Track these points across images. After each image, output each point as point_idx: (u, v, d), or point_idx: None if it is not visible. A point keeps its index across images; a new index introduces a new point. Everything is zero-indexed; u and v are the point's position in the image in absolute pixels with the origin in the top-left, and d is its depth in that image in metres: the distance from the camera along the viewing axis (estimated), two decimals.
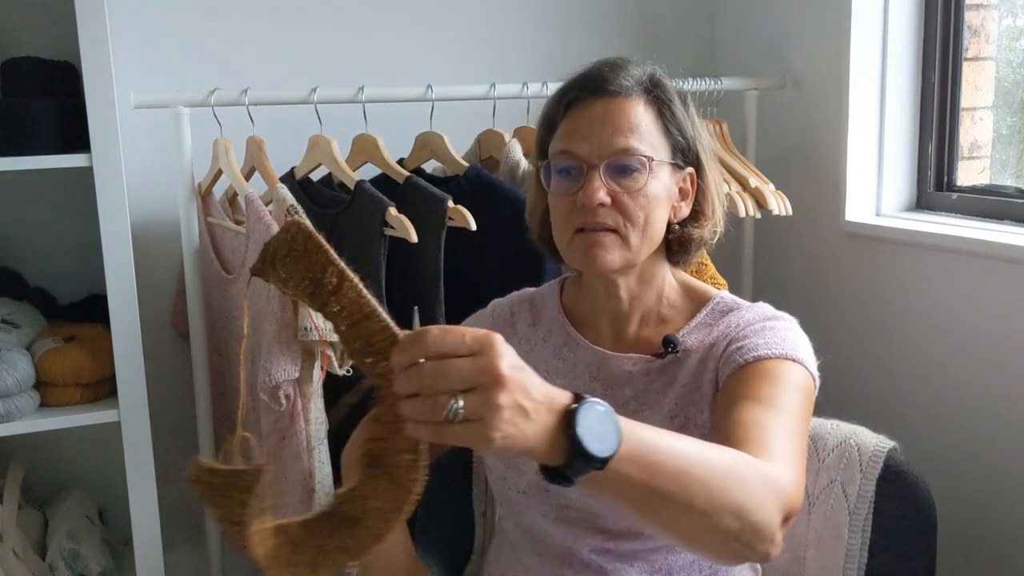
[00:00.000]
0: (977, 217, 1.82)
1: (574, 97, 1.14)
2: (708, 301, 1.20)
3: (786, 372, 1.05)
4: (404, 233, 1.57)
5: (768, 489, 0.87)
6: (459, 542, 1.44)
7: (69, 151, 1.55)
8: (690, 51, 2.31)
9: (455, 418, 0.69)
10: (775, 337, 1.09)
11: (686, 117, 1.17)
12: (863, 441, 1.32)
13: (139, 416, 1.59)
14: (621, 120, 1.11)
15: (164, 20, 1.92)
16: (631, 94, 1.13)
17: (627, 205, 1.10)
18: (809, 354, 1.10)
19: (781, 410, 1.00)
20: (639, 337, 1.19)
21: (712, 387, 1.11)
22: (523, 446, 0.72)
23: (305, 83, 1.75)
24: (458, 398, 0.69)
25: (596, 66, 1.16)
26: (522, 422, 0.71)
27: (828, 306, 2.04)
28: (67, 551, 1.67)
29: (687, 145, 1.16)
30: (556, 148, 1.14)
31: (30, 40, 1.78)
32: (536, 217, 1.23)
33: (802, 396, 1.05)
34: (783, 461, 0.93)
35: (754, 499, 0.85)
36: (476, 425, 0.70)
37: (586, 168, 1.10)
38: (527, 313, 1.28)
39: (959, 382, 1.75)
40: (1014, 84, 1.93)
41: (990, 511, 1.70)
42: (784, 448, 0.95)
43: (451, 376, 0.70)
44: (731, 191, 1.87)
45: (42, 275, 1.88)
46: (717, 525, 0.83)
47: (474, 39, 2.14)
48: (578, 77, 1.16)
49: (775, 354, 1.06)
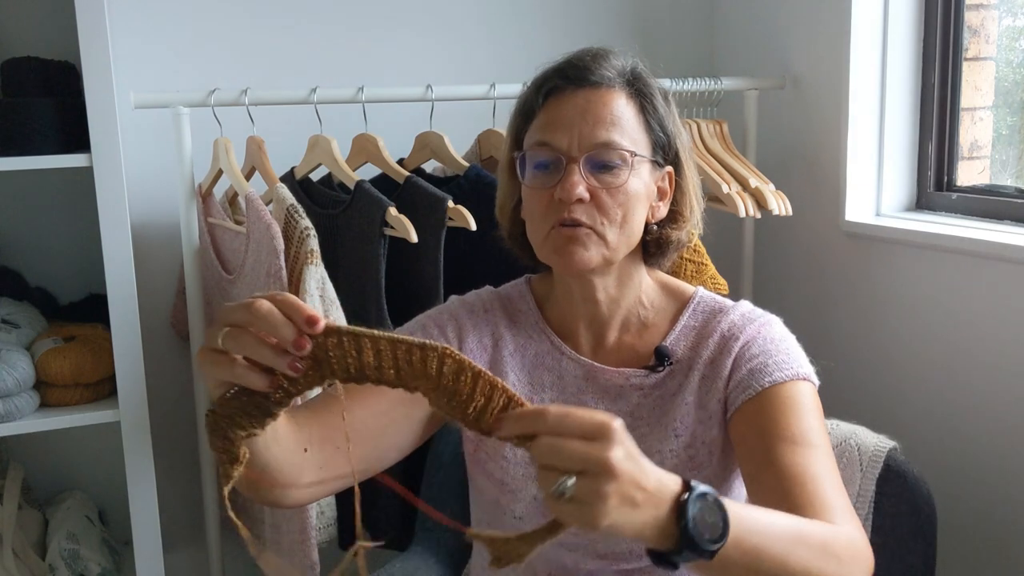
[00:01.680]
0: (977, 217, 1.82)
1: (554, 86, 1.08)
2: (688, 300, 1.16)
3: (802, 396, 1.05)
4: (404, 233, 1.57)
5: (856, 559, 0.89)
6: (459, 542, 1.44)
7: (69, 151, 1.55)
8: (690, 51, 2.31)
9: (564, 495, 0.69)
10: (780, 356, 1.08)
11: (668, 113, 1.12)
12: (863, 441, 1.33)
13: (139, 416, 1.59)
14: (603, 112, 1.06)
15: (164, 20, 1.92)
16: (613, 85, 1.08)
17: (606, 202, 1.05)
18: (807, 362, 1.10)
19: (818, 448, 1.01)
20: (621, 344, 1.15)
21: (720, 407, 1.09)
22: (632, 533, 0.73)
23: (305, 83, 1.75)
24: (570, 477, 0.69)
25: (578, 54, 1.10)
26: (631, 512, 0.71)
27: (828, 306, 2.04)
28: (67, 551, 1.67)
29: (668, 142, 1.11)
30: (533, 139, 1.08)
31: (30, 40, 1.78)
32: (507, 212, 1.18)
33: (821, 419, 1.06)
34: (847, 515, 0.95)
35: (844, 568, 0.87)
36: (584, 508, 0.70)
37: (565, 161, 1.05)
38: (501, 313, 1.20)
39: (959, 382, 1.75)
40: (1014, 84, 1.93)
41: (990, 511, 1.70)
42: (841, 499, 0.97)
43: (563, 455, 0.70)
44: (731, 191, 1.87)
45: (42, 275, 1.88)
46: None
47: (474, 39, 2.14)
48: (559, 65, 1.10)
49: (788, 376, 1.06)
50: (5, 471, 1.77)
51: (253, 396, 0.77)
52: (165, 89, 1.82)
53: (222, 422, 0.78)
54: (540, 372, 1.15)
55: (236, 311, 0.75)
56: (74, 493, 1.89)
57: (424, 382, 0.75)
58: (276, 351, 0.74)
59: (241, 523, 0.77)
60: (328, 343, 0.74)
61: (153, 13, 1.92)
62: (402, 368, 0.75)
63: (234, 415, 0.78)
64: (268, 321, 0.74)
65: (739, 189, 1.89)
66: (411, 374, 0.75)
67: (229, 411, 0.78)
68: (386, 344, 0.74)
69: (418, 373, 0.75)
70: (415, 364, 0.74)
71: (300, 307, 0.74)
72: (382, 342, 0.74)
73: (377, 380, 0.76)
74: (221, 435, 0.79)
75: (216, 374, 0.77)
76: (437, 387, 0.75)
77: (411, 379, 0.76)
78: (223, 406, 0.78)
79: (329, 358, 0.75)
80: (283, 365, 0.74)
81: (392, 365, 0.74)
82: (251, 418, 0.78)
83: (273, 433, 0.88)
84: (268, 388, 0.76)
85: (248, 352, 0.75)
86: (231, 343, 0.75)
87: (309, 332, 0.74)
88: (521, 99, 1.13)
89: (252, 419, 0.78)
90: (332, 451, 0.99)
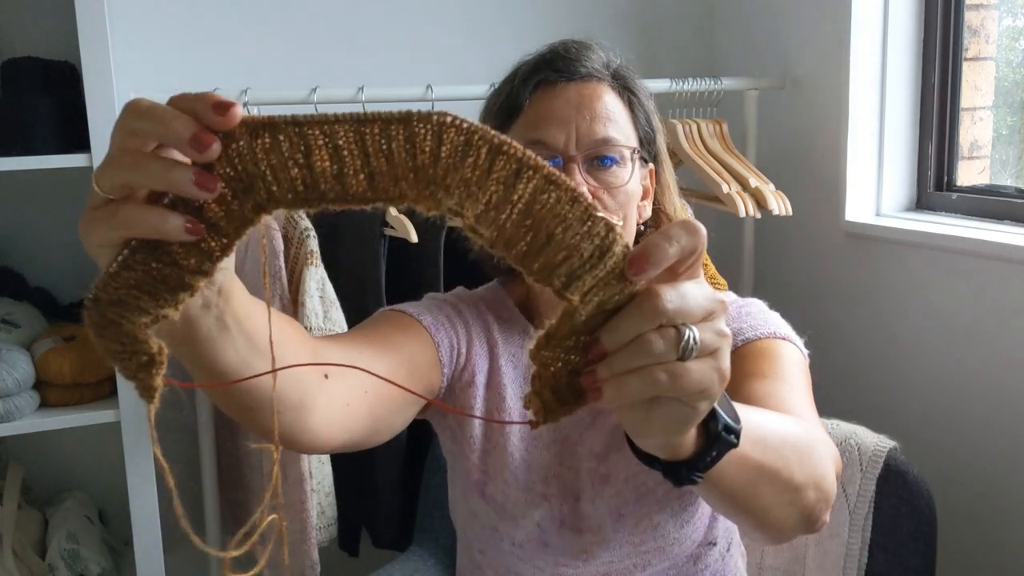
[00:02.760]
0: (977, 217, 1.82)
1: (542, 79, 1.00)
2: None
3: (780, 349, 0.99)
4: (404, 233, 1.57)
5: (828, 455, 0.84)
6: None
7: (69, 151, 1.55)
8: (690, 51, 2.31)
9: (691, 353, 0.54)
10: (756, 320, 1.03)
11: (651, 108, 1.06)
12: (863, 441, 1.33)
13: (139, 416, 1.59)
14: (598, 107, 0.99)
15: (164, 20, 1.92)
16: (602, 78, 1.01)
17: (608, 204, 0.98)
18: (791, 330, 1.05)
19: (789, 382, 0.94)
20: None
21: None
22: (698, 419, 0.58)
23: (305, 83, 1.75)
24: (688, 326, 0.54)
25: (562, 45, 1.03)
26: (720, 387, 0.57)
27: (828, 306, 2.04)
28: (67, 551, 1.67)
29: (653, 137, 1.05)
30: (523, 137, 0.98)
31: (30, 40, 1.78)
32: None
33: (802, 372, 1.00)
34: (817, 425, 0.89)
35: (825, 467, 0.82)
36: (711, 360, 0.55)
37: (563, 161, 0.97)
38: (492, 316, 1.10)
39: (959, 382, 1.75)
40: (1014, 84, 1.93)
41: (990, 511, 1.70)
42: (810, 413, 0.91)
43: (695, 300, 0.54)
44: (731, 191, 1.87)
45: (42, 275, 1.88)
46: (802, 499, 0.79)
47: (474, 39, 2.14)
48: (544, 57, 1.02)
49: (763, 334, 1.01)
50: (5, 471, 1.77)
51: (150, 261, 0.52)
52: (165, 89, 1.82)
53: (109, 311, 0.53)
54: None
55: (114, 130, 0.52)
56: (74, 493, 1.89)
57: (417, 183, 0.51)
58: (170, 165, 0.51)
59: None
60: (258, 145, 0.50)
61: (153, 13, 1.92)
62: (377, 169, 0.50)
63: (128, 298, 0.53)
64: (151, 119, 0.50)
65: (739, 189, 1.89)
66: (391, 175, 0.51)
67: (119, 294, 0.53)
68: (347, 131, 0.50)
69: (402, 168, 0.50)
70: (396, 154, 0.50)
71: (204, 93, 0.50)
72: (340, 129, 0.50)
73: (340, 198, 0.51)
74: (112, 329, 0.54)
75: (97, 233, 0.53)
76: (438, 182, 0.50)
77: (391, 183, 0.51)
78: (106, 285, 0.53)
79: (262, 171, 0.51)
80: (186, 183, 0.50)
81: (362, 166, 0.50)
82: (155, 295, 0.53)
83: (244, 310, 0.63)
84: (181, 232, 0.51)
85: (131, 178, 0.51)
86: (106, 177, 0.52)
87: (217, 125, 0.50)
88: (500, 95, 1.04)
89: (157, 295, 0.53)
90: (360, 393, 0.84)
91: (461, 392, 1.05)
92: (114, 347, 0.54)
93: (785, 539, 0.92)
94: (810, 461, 0.79)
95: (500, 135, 0.50)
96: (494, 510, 1.04)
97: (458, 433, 1.06)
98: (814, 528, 0.84)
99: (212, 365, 0.63)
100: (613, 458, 1.03)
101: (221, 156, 0.50)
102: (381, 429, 0.92)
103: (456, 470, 1.09)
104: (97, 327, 0.54)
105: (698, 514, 1.04)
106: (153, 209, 0.51)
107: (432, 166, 0.50)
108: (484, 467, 1.05)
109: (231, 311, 0.62)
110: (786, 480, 0.76)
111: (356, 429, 0.85)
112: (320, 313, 1.61)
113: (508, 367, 1.07)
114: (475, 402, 1.04)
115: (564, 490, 1.04)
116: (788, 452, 0.77)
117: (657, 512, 1.01)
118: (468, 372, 1.04)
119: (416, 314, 1.02)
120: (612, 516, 1.02)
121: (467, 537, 1.12)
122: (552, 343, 0.55)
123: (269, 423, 0.70)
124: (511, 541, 1.04)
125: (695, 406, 0.56)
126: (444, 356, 1.01)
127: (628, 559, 1.03)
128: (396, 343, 0.96)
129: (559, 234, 0.52)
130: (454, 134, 0.50)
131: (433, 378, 1.00)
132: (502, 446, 1.04)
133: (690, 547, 1.04)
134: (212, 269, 0.53)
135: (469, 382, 1.05)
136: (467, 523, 1.09)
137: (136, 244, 0.52)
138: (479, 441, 1.05)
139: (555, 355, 0.55)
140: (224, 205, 0.52)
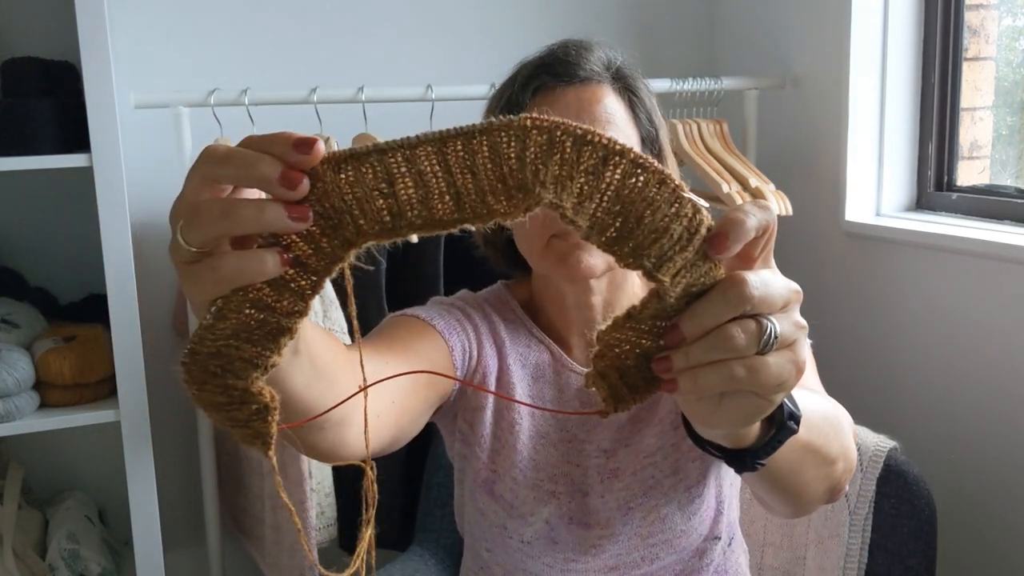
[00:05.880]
0: (977, 217, 1.82)
1: (542, 83, 1.00)
2: None
3: None
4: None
5: (848, 425, 0.86)
6: (459, 542, 1.44)
7: (69, 151, 1.55)
8: (690, 51, 2.31)
9: (771, 346, 0.53)
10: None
11: (652, 105, 1.06)
12: (863, 441, 1.33)
13: (139, 416, 1.59)
14: (597, 111, 0.99)
15: (164, 20, 1.93)
16: (602, 80, 1.01)
17: None
18: None
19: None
20: None
21: None
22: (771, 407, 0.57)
23: (305, 83, 1.75)
24: (768, 318, 0.53)
25: (561, 47, 1.03)
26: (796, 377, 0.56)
27: (828, 306, 2.04)
28: (67, 551, 1.67)
29: (655, 135, 1.05)
30: None
31: (30, 40, 1.79)
32: None
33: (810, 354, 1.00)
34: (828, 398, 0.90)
35: (850, 438, 0.84)
36: (788, 352, 0.54)
37: None
38: (498, 317, 1.10)
39: (959, 382, 1.75)
40: (1014, 84, 1.93)
41: (990, 511, 1.70)
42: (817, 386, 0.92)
43: (776, 289, 0.54)
44: (731, 191, 1.87)
45: (42, 275, 1.88)
46: (834, 472, 0.80)
47: (474, 39, 2.14)
48: (543, 60, 1.02)
49: None
50: (5, 471, 1.78)
51: (244, 307, 0.51)
52: (165, 89, 1.82)
53: (210, 363, 0.52)
54: (541, 385, 1.07)
55: (190, 179, 0.52)
56: (74, 493, 1.89)
57: (505, 192, 0.49)
58: (261, 205, 0.49)
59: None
60: (342, 180, 0.49)
61: (153, 13, 1.92)
62: (463, 187, 0.49)
63: (228, 349, 0.51)
64: (234, 164, 0.50)
65: (739, 189, 1.89)
66: (477, 190, 0.49)
67: (217, 345, 0.51)
68: (429, 153, 0.49)
69: (488, 181, 0.49)
70: (481, 167, 0.49)
71: (281, 133, 0.51)
72: (421, 152, 0.49)
73: (427, 224, 0.50)
74: (216, 382, 0.52)
75: (205, 291, 0.51)
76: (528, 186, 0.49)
77: (478, 199, 0.49)
78: (203, 339, 0.51)
79: (348, 206, 0.49)
80: (281, 218, 0.49)
81: (448, 187, 0.49)
82: (256, 343, 0.51)
83: (308, 334, 0.63)
84: (279, 267, 0.50)
85: (223, 228, 0.50)
86: (196, 232, 0.50)
87: (301, 163, 0.50)
88: (500, 99, 1.04)
89: (258, 344, 0.52)
90: (388, 403, 0.84)
91: (474, 393, 1.06)
92: (218, 399, 0.53)
93: (811, 511, 0.93)
94: (839, 434, 0.82)
95: (581, 125, 0.50)
96: (503, 508, 1.05)
97: (469, 435, 1.07)
98: (837, 497, 0.86)
99: (280, 391, 0.60)
100: (621, 454, 1.04)
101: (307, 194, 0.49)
102: (401, 438, 0.93)
103: (464, 471, 1.09)
104: (198, 381, 0.53)
105: (704, 507, 1.05)
106: (251, 254, 0.50)
107: (520, 171, 0.49)
108: (493, 466, 1.06)
109: (303, 337, 0.61)
110: (824, 455, 0.78)
111: (383, 439, 0.87)
112: (319, 312, 1.61)
113: (516, 366, 1.07)
114: (487, 401, 1.06)
115: (572, 487, 1.05)
116: (827, 428, 0.78)
117: (664, 504, 1.03)
118: (480, 373, 1.05)
119: (428, 319, 1.02)
120: (621, 510, 1.03)
121: (474, 536, 1.12)
122: (631, 323, 0.54)
123: (314, 439, 0.71)
124: (520, 539, 1.05)
125: (771, 399, 0.55)
126: (458, 359, 1.02)
127: (636, 552, 1.04)
128: (415, 349, 0.97)
129: (648, 217, 0.52)
130: (536, 134, 0.49)
131: (447, 381, 1.01)
132: (511, 445, 1.05)
133: (696, 540, 1.05)
134: (306, 308, 0.52)
135: (481, 382, 1.06)
136: (475, 523, 1.10)
137: (228, 292, 0.51)
138: (488, 440, 1.06)
139: (626, 337, 0.55)
140: (312, 243, 0.51)
